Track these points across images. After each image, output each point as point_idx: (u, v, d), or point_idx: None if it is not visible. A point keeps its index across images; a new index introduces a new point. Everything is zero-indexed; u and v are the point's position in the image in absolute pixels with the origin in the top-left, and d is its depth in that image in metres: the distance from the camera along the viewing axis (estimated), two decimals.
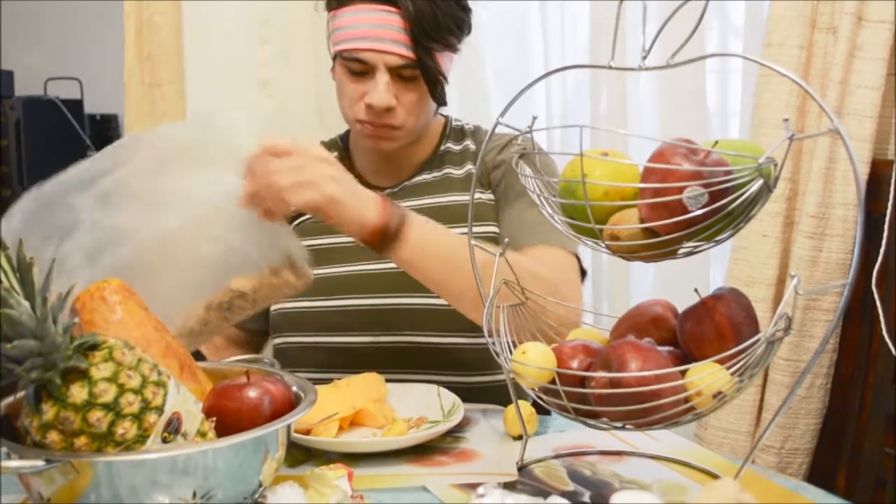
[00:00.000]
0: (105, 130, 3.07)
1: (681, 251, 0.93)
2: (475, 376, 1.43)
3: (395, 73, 1.37)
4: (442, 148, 1.55)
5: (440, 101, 1.42)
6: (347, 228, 1.17)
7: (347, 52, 1.37)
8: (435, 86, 1.39)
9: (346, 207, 1.15)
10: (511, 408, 1.16)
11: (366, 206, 1.16)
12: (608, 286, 1.97)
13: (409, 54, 1.34)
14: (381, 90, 1.36)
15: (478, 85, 2.02)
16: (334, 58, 1.44)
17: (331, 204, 1.14)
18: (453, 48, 1.41)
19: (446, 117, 1.60)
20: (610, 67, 0.92)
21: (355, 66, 1.38)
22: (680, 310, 1.00)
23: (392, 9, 1.33)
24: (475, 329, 1.11)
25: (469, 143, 1.56)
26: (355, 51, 1.36)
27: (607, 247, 0.94)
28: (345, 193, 1.15)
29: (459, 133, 1.58)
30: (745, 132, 1.73)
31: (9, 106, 2.83)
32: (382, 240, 1.18)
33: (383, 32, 1.34)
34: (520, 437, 1.13)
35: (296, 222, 1.52)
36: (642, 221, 0.90)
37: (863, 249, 1.44)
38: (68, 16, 3.12)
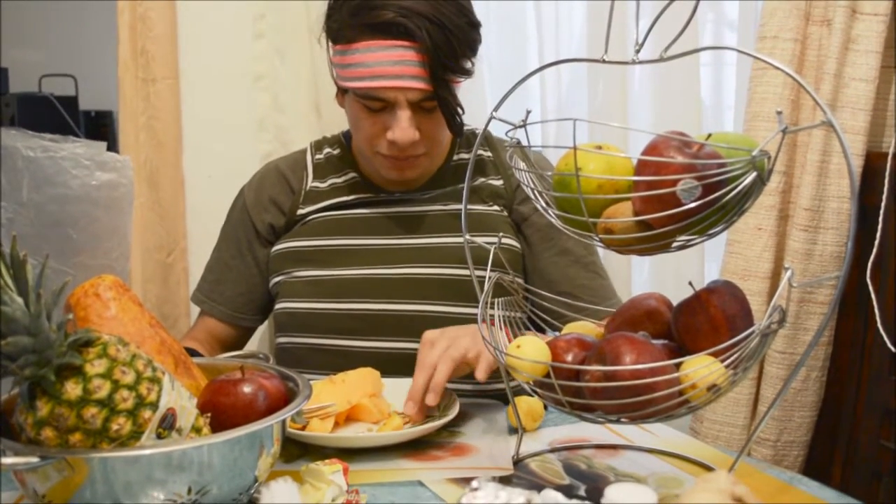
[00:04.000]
0: (100, 126, 3.06)
1: (674, 244, 0.93)
2: (481, 383, 1.43)
3: (416, 105, 1.35)
4: (455, 158, 1.54)
5: (458, 132, 1.40)
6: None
7: (365, 90, 1.34)
8: (453, 117, 1.36)
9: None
10: (516, 401, 1.16)
11: None
12: None
13: (429, 87, 1.32)
14: (404, 126, 1.34)
15: (473, 81, 2.02)
16: (344, 90, 1.41)
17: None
18: (469, 73, 1.39)
19: None
20: (603, 61, 0.91)
21: (374, 104, 1.36)
22: (674, 303, 1.00)
23: (408, 42, 1.30)
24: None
25: (482, 152, 1.54)
26: (374, 89, 1.33)
27: (601, 240, 0.94)
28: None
29: (471, 140, 1.56)
30: (740, 126, 1.73)
31: (4, 103, 2.82)
32: None
33: (402, 69, 1.31)
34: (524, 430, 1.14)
35: (302, 221, 1.51)
36: (636, 214, 0.90)
37: (857, 242, 1.44)
38: (63, 13, 3.11)
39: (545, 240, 1.48)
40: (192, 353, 1.21)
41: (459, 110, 1.37)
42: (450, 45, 1.31)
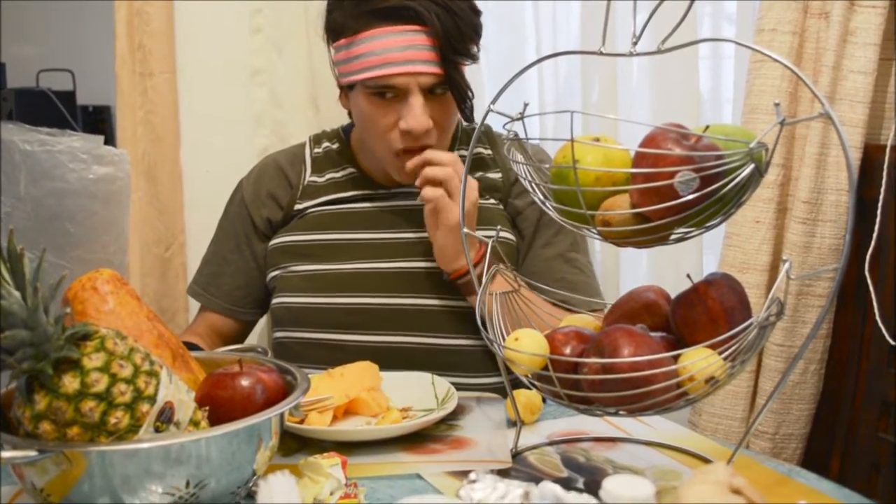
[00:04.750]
0: (98, 121, 3.06)
1: (672, 237, 0.93)
2: (479, 377, 1.43)
3: (426, 92, 1.34)
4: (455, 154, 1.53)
5: (469, 117, 1.39)
6: (440, 253, 1.34)
7: (375, 79, 1.32)
8: (464, 101, 1.35)
9: (453, 237, 1.29)
10: (514, 394, 1.16)
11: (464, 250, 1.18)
12: (600, 272, 1.97)
13: (441, 71, 1.31)
14: (417, 114, 1.32)
15: (471, 75, 2.02)
16: (349, 87, 1.39)
17: (446, 213, 1.31)
18: (475, 58, 1.39)
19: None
20: (601, 53, 0.92)
21: (385, 94, 1.34)
22: (673, 296, 1.00)
23: (417, 27, 1.29)
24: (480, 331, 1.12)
25: (481, 149, 1.54)
26: (386, 77, 1.31)
27: (599, 233, 0.94)
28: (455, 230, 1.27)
29: (471, 135, 1.55)
30: (738, 119, 1.73)
31: (2, 98, 2.82)
32: (463, 283, 1.27)
33: (412, 54, 1.30)
34: (525, 424, 1.14)
35: (299, 216, 1.50)
36: (634, 207, 0.90)
37: (855, 234, 1.44)
38: (60, 8, 3.10)
39: (533, 233, 1.49)
40: (192, 347, 1.21)
41: (470, 94, 1.36)
42: (458, 28, 1.31)
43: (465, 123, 1.56)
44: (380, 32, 1.31)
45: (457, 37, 1.31)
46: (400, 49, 1.30)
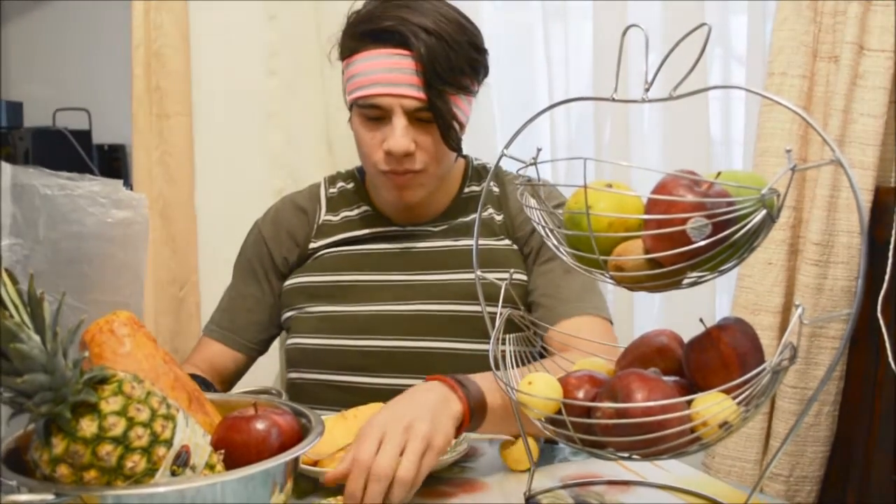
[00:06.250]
0: (113, 160, 3.09)
1: (685, 281, 0.93)
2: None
3: (413, 116, 1.36)
4: (466, 191, 1.54)
5: (454, 146, 1.39)
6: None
7: (363, 98, 1.36)
8: (448, 130, 1.36)
9: (443, 434, 1.07)
10: (510, 441, 1.17)
11: (453, 420, 1.09)
12: (613, 316, 1.97)
13: (424, 96, 1.33)
14: (398, 135, 1.34)
15: (483, 116, 2.04)
16: (351, 107, 1.42)
17: (432, 448, 1.05)
18: (468, 91, 1.40)
19: (467, 157, 1.58)
20: (613, 100, 0.93)
21: (372, 113, 1.37)
22: (685, 339, 1.00)
23: (405, 51, 1.32)
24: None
25: (492, 186, 1.54)
26: (371, 96, 1.35)
27: (612, 277, 0.94)
28: (434, 430, 1.05)
29: (482, 173, 1.57)
30: (749, 161, 1.74)
31: (18, 136, 2.85)
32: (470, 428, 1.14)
33: (398, 76, 1.33)
34: (522, 471, 1.13)
35: (314, 256, 1.51)
36: (646, 252, 0.90)
37: (867, 277, 1.44)
38: (76, 47, 3.14)
39: (535, 256, 1.48)
40: (204, 386, 1.22)
41: (455, 124, 1.37)
42: (447, 58, 1.33)
43: (475, 162, 1.57)
44: (371, 54, 1.35)
45: (444, 65, 1.33)
46: (387, 71, 1.34)
